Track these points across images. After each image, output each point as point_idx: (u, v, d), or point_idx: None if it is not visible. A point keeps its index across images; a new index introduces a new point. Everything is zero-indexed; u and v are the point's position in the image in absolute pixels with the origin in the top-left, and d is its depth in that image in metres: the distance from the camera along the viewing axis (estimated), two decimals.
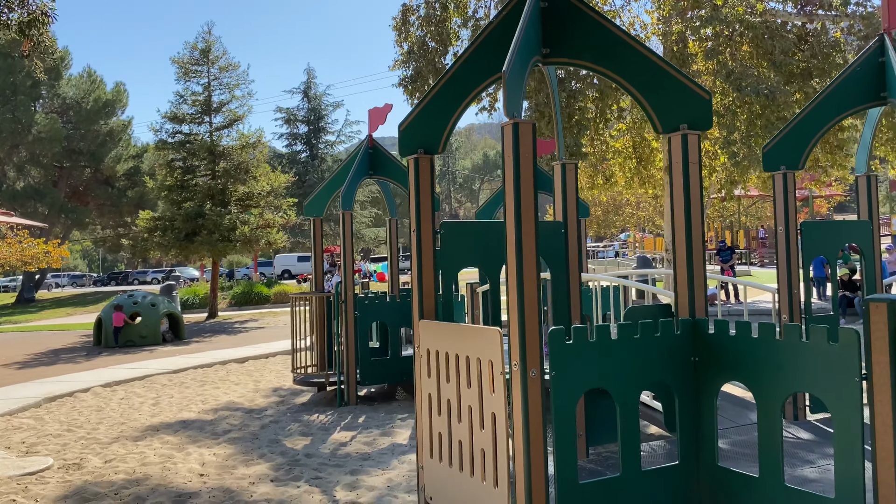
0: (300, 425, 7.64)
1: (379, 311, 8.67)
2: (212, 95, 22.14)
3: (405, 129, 4.47)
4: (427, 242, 4.39)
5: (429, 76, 22.39)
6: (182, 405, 9.03)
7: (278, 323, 20.23)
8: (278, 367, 12.19)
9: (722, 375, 3.77)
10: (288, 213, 22.44)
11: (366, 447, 6.63)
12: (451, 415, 4.01)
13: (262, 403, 9.02)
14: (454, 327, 3.98)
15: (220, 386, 10.42)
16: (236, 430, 7.55)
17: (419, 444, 4.41)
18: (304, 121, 39.61)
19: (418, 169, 4.39)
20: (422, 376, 4.31)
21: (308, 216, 9.46)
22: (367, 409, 8.29)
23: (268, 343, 15.27)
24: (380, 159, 9.09)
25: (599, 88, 19.28)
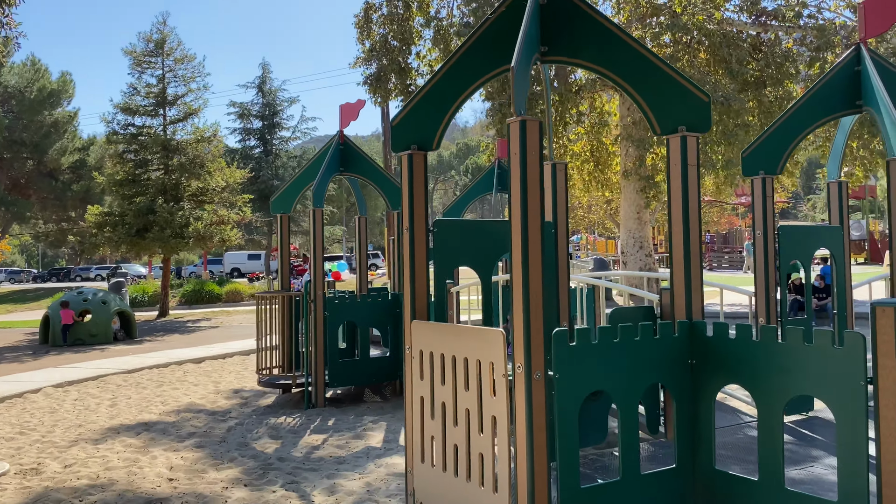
0: (268, 428, 7.43)
1: (349, 310, 8.51)
2: (166, 88, 21.55)
3: (398, 124, 4.36)
4: (420, 241, 4.29)
5: (391, 75, 22.25)
6: (141, 406, 8.72)
7: (232, 322, 19.81)
8: (237, 367, 11.90)
9: (720, 378, 3.76)
10: (243, 209, 22.00)
11: (339, 450, 6.48)
12: (447, 418, 3.91)
13: (226, 405, 8.77)
14: (452, 328, 3.89)
15: (179, 387, 10.11)
16: (202, 432, 7.31)
17: (408, 448, 4.30)
18: (259, 116, 38.94)
19: (412, 166, 4.29)
20: (413, 378, 4.21)
21: (275, 213, 9.24)
22: (336, 411, 8.13)
23: (224, 343, 14.91)
24: (351, 156, 8.94)
25: (559, 92, 19.42)
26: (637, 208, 21.40)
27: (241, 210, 21.94)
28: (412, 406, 4.22)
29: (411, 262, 4.26)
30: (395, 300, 8.76)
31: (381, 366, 8.67)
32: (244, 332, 16.92)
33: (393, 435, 6.94)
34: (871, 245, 40.34)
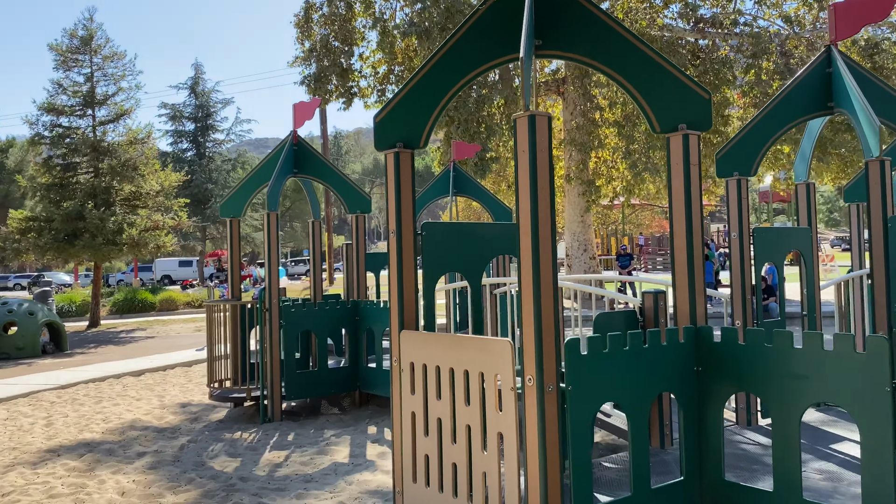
0: (224, 444, 7.00)
1: (305, 319, 8.14)
2: (95, 87, 20.54)
3: (381, 120, 4.09)
4: (408, 245, 4.02)
5: (332, 76, 21.83)
6: (81, 425, 8.13)
7: (169, 332, 18.98)
8: (180, 380, 11.32)
9: (729, 385, 3.62)
10: (179, 214, 21.15)
11: (304, 468, 6.12)
12: (443, 435, 3.65)
13: (174, 421, 8.26)
14: (451, 338, 3.63)
15: (120, 402, 9.50)
16: (152, 451, 6.82)
17: (396, 467, 4.02)
18: (191, 118, 37.71)
19: (398, 165, 4.02)
20: (402, 393, 3.93)
21: (224, 217, 8.78)
22: (294, 425, 7.74)
23: (163, 354, 14.22)
24: (305, 157, 8.57)
25: (505, 95, 19.37)
26: (580, 211, 21.55)
27: (177, 215, 21.09)
28: (401, 422, 3.94)
29: (399, 268, 3.98)
30: (354, 307, 8.43)
31: (340, 376, 8.32)
32: (184, 343, 16.21)
33: (359, 449, 6.62)
34: None
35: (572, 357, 3.19)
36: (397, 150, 4.01)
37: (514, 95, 19.46)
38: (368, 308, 8.27)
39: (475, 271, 4.23)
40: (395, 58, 22.39)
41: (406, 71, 22.49)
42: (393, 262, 4.02)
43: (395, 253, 4.00)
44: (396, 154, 4.02)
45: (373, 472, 5.90)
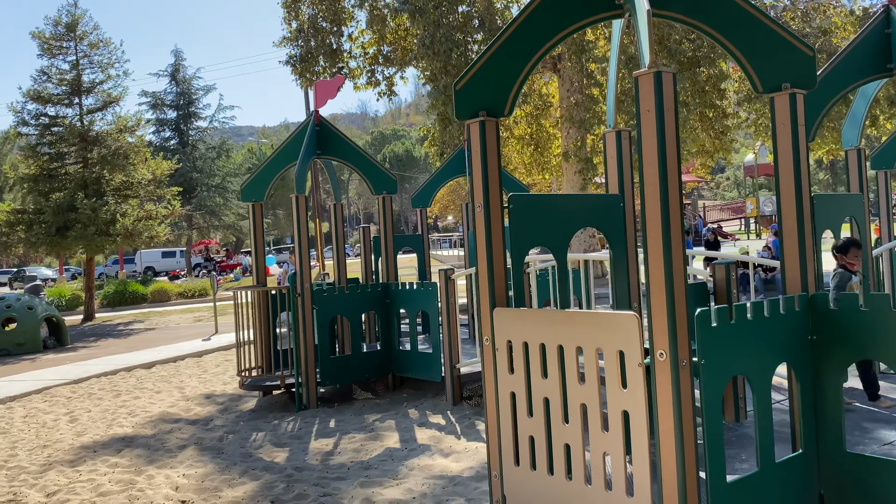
0: (265, 434, 6.79)
1: (338, 303, 7.92)
2: (81, 74, 19.95)
3: (462, 87, 3.88)
4: (497, 219, 3.82)
5: (319, 57, 21.45)
6: (108, 420, 7.87)
7: (169, 324, 18.63)
8: (195, 371, 11.06)
9: (848, 353, 3.48)
10: (172, 203, 20.70)
11: (359, 455, 5.93)
12: (552, 415, 3.48)
13: (203, 413, 8.03)
14: (560, 314, 3.44)
15: (140, 395, 9.24)
16: (192, 444, 6.59)
17: (493, 451, 3.84)
18: (173, 106, 36.94)
19: (484, 135, 3.81)
20: (497, 373, 3.75)
21: (246, 201, 8.51)
22: (331, 411, 7.54)
23: (170, 346, 13.93)
24: (328, 137, 8.32)
25: None
26: (578, 190, 21.39)
27: (170, 204, 20.65)
28: (498, 404, 3.76)
29: (488, 243, 3.78)
30: (385, 290, 8.22)
31: (373, 361, 8.13)
32: (187, 333, 15.90)
33: (407, 434, 6.44)
34: None
35: (704, 329, 3.03)
36: (482, 119, 3.80)
37: None
38: (400, 290, 8.06)
39: (561, 246, 4.04)
40: (385, 38, 22.02)
41: (397, 51, 22.13)
42: (481, 237, 3.82)
43: (484, 228, 3.80)
44: (481, 123, 3.80)
45: (431, 456, 5.73)
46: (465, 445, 5.95)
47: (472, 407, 7.27)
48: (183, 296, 25.19)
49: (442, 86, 18.21)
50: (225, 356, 12.30)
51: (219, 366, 11.34)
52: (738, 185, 67.68)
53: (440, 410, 7.18)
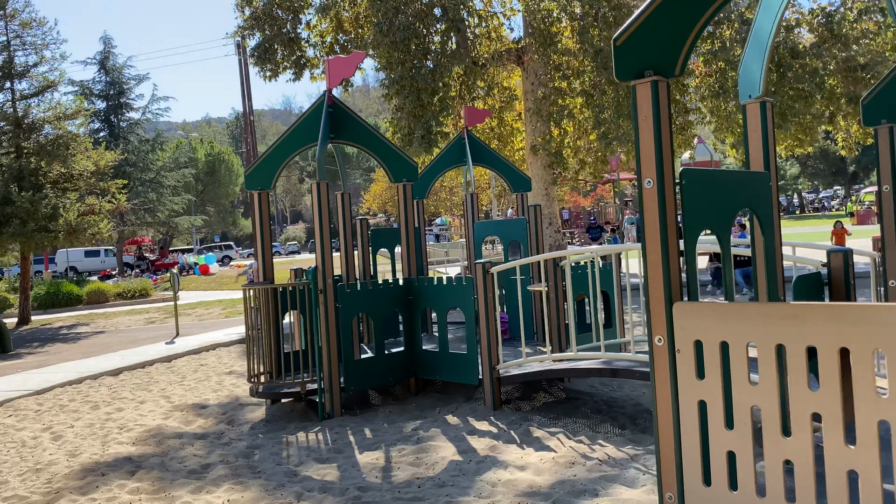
0: (298, 449, 6.05)
1: (361, 301, 7.21)
2: (13, 56, 18.32)
3: (624, 42, 3.32)
4: (671, 197, 3.27)
5: (277, 48, 20.56)
6: (100, 436, 6.93)
7: (118, 326, 17.31)
8: (172, 377, 10.10)
9: None
10: (117, 196, 19.28)
11: (419, 469, 5.29)
12: (764, 427, 2.95)
13: (208, 425, 7.19)
14: (787, 308, 2.90)
15: (123, 406, 8.27)
16: (218, 462, 5.79)
17: (667, 468, 3.29)
18: (102, 96, 34.78)
19: (657, 96, 3.25)
20: (682, 378, 3.20)
21: (250, 189, 7.68)
22: (359, 420, 6.84)
23: (130, 350, 12.82)
24: (343, 120, 7.59)
25: (465, 65, 18.57)
26: (545, 184, 21.09)
27: (115, 198, 19.22)
28: (677, 414, 3.21)
29: (662, 226, 3.23)
30: (408, 286, 7.56)
31: (397, 363, 7.46)
32: (143, 337, 14.73)
33: (462, 444, 5.82)
34: None
35: None
36: (655, 80, 3.24)
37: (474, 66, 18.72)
38: (427, 287, 7.42)
39: (726, 228, 3.53)
40: (342, 26, 21.23)
41: (355, 40, 21.35)
42: (652, 218, 3.26)
43: (658, 206, 3.24)
44: (653, 84, 3.24)
45: (505, 469, 5.14)
46: (539, 456, 5.38)
47: (515, 412, 6.71)
48: (122, 297, 23.65)
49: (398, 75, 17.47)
50: (199, 360, 11.36)
51: (197, 371, 10.41)
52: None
53: (481, 416, 6.59)
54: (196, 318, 17.11)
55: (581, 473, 4.95)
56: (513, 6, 21.44)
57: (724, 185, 3.51)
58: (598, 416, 6.48)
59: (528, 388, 7.50)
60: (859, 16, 18.06)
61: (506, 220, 9.64)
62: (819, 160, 79.99)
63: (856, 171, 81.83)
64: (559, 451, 5.51)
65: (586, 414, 6.55)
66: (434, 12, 18.80)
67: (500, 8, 21.44)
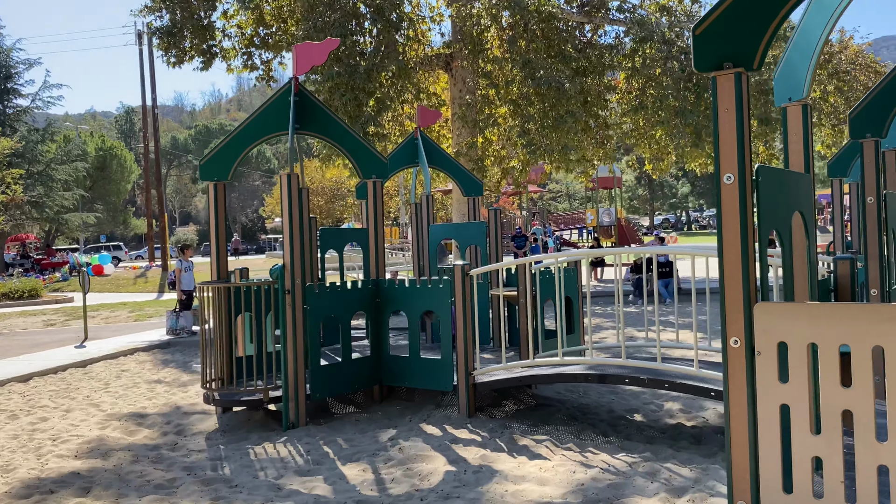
0: (271, 460, 5.58)
1: (330, 302, 6.80)
2: None
3: (703, 32, 3.21)
4: (749, 193, 3.15)
5: (186, 32, 19.66)
6: (31, 448, 6.18)
7: (13, 329, 15.82)
8: (93, 384, 9.26)
9: None
10: (13, 187, 17.71)
11: (416, 481, 4.97)
12: (856, 432, 2.86)
13: (156, 436, 6.56)
14: (874, 309, 2.82)
15: (47, 416, 7.46)
16: (184, 476, 5.25)
17: (740, 475, 3.15)
18: None
19: (739, 88, 3.14)
20: (760, 382, 3.08)
21: (206, 180, 7.12)
22: (325, 429, 6.41)
23: (36, 354, 11.71)
24: (308, 110, 7.17)
25: (398, 66, 18.30)
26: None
27: (10, 189, 17.65)
28: (755, 420, 3.09)
29: (742, 223, 3.11)
30: (376, 288, 7.21)
31: (363, 369, 7.09)
32: (47, 340, 13.53)
33: (449, 453, 5.55)
34: (619, 230, 44.74)
35: None
36: (737, 72, 3.12)
37: (405, 68, 18.48)
38: (397, 289, 7.09)
39: (788, 229, 3.45)
40: (263, 19, 20.54)
41: (278, 34, 20.68)
42: (732, 215, 3.13)
43: (738, 203, 3.12)
44: (737, 76, 3.12)
45: (508, 479, 4.91)
46: (536, 465, 5.19)
47: (490, 419, 6.49)
48: (9, 297, 21.77)
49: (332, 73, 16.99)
50: (118, 366, 10.51)
51: (120, 378, 9.60)
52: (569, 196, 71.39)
53: (458, 424, 6.33)
54: (102, 321, 15.92)
55: (587, 483, 4.78)
56: (440, 12, 21.38)
57: (790, 186, 3.43)
58: (576, 423, 6.35)
59: (498, 395, 7.30)
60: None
61: (464, 224, 9.43)
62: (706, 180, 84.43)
63: None
64: (552, 459, 5.33)
65: (563, 421, 6.42)
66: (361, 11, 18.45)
67: (429, 13, 21.33)
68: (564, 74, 18.63)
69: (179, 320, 12.36)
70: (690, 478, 4.79)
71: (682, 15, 21.14)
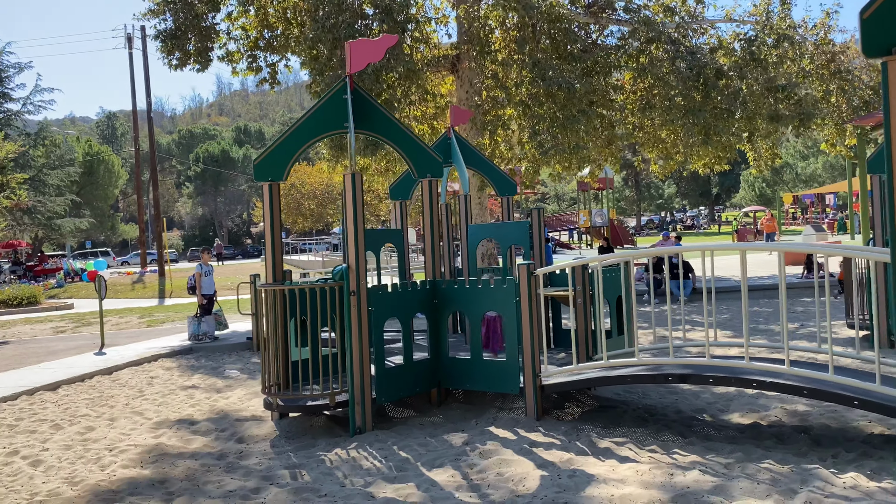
0: (348, 467, 5.40)
1: (394, 304, 6.64)
2: None
3: (871, 16, 3.09)
4: None
5: (190, 35, 19.41)
6: (90, 459, 5.97)
7: (22, 336, 15.46)
8: (127, 391, 9.03)
9: None
10: (17, 192, 17.35)
11: (511, 486, 4.82)
12: None
13: (213, 444, 6.36)
14: None
15: (93, 425, 7.23)
16: (263, 484, 5.07)
17: None
18: None
19: None
20: None
21: (261, 180, 6.92)
22: (393, 434, 6.23)
23: (60, 362, 11.44)
24: (364, 108, 7.01)
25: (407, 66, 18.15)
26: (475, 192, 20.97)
27: (14, 193, 17.28)
28: None
29: None
30: (433, 289, 7.06)
31: (424, 372, 6.93)
32: (62, 348, 13.22)
33: (534, 457, 5.39)
34: (612, 231, 44.86)
35: None
36: None
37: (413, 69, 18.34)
38: (457, 289, 6.94)
39: None
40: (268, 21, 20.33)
41: (281, 37, 20.48)
42: None
43: None
44: None
45: (608, 483, 4.77)
46: (630, 468, 5.05)
47: (560, 422, 6.36)
48: (8, 304, 21.33)
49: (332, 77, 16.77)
50: (146, 373, 10.27)
51: (152, 385, 9.36)
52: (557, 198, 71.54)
53: (528, 427, 6.18)
54: (114, 328, 15.60)
55: (691, 485, 4.66)
56: (445, 13, 21.26)
57: None
58: (647, 424, 6.23)
59: (559, 397, 7.17)
60: (778, 42, 19.13)
61: (505, 224, 9.29)
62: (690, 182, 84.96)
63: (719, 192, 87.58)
64: (642, 461, 5.21)
65: (635, 422, 6.30)
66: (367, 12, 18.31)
67: (434, 14, 21.19)
68: (574, 74, 18.57)
69: (201, 325, 12.11)
70: (795, 478, 4.68)
71: (686, 15, 21.19)
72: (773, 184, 65.94)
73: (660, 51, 19.42)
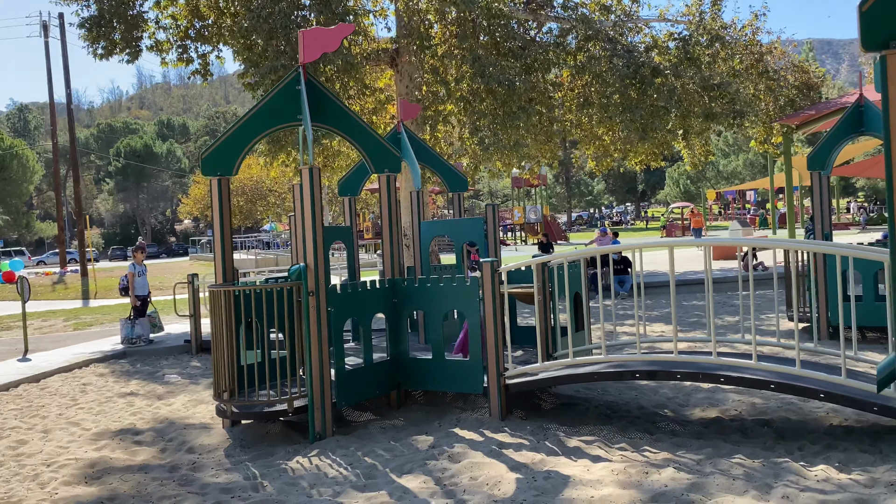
0: (312, 476, 5.15)
1: (353, 304, 6.39)
2: None
3: (870, 9, 3.05)
4: None
5: (116, 23, 18.57)
6: (27, 476, 5.50)
7: None
8: (58, 399, 8.48)
9: None
10: None
11: (487, 490, 4.67)
12: None
13: (162, 455, 5.98)
14: None
15: (25, 438, 6.71)
16: (225, 497, 4.77)
17: None
18: None
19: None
20: None
21: (209, 175, 6.55)
22: (356, 439, 5.99)
23: None
24: (319, 100, 6.71)
25: (346, 60, 17.78)
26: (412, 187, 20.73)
27: None
28: None
29: None
30: (392, 288, 6.84)
31: (383, 374, 6.71)
32: None
33: (505, 459, 5.26)
34: (546, 226, 45.41)
35: None
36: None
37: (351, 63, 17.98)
38: (417, 288, 6.74)
39: None
40: (199, 10, 19.61)
41: (213, 27, 19.78)
42: None
43: None
44: None
45: (584, 484, 4.68)
46: (603, 468, 4.97)
47: (524, 421, 6.25)
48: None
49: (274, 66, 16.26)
50: (77, 379, 9.70)
51: (86, 392, 8.82)
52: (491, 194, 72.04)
53: (494, 428, 6.05)
54: (37, 332, 14.74)
55: (669, 483, 4.61)
56: (384, 6, 20.96)
57: None
58: (614, 421, 6.19)
59: (520, 396, 7.06)
60: (711, 42, 19.59)
61: (460, 220, 9.13)
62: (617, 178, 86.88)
63: (644, 189, 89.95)
64: (615, 460, 5.14)
65: (599, 420, 6.24)
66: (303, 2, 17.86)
67: (372, 6, 20.85)
68: (513, 71, 18.56)
69: (135, 328, 11.53)
70: (768, 473, 4.69)
71: (622, 14, 21.48)
72: (696, 180, 68.05)
73: (597, 48, 19.62)
